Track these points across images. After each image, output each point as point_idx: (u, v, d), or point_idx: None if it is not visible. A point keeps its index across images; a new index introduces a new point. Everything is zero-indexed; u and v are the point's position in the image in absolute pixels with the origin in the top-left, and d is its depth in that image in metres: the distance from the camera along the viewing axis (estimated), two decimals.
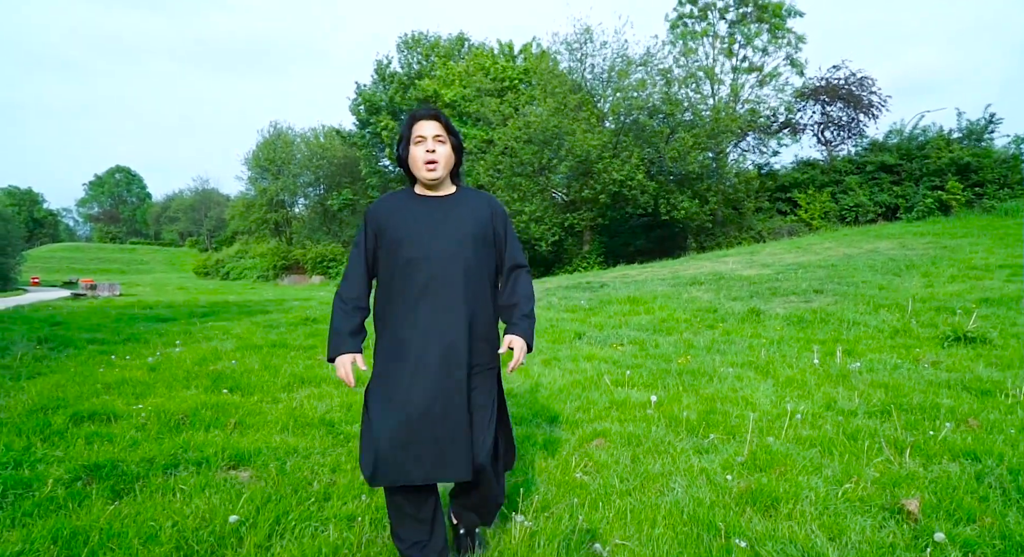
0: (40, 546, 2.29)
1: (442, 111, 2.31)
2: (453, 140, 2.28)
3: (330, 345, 2.23)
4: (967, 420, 3.96)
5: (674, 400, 4.61)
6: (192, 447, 3.44)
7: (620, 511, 2.71)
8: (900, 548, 2.31)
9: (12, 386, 4.83)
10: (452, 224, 2.21)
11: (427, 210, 2.25)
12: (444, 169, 2.25)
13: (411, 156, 2.25)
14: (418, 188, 2.32)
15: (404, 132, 2.29)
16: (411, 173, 2.30)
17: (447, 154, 2.25)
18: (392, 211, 2.27)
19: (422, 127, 2.23)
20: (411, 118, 2.28)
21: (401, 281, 2.16)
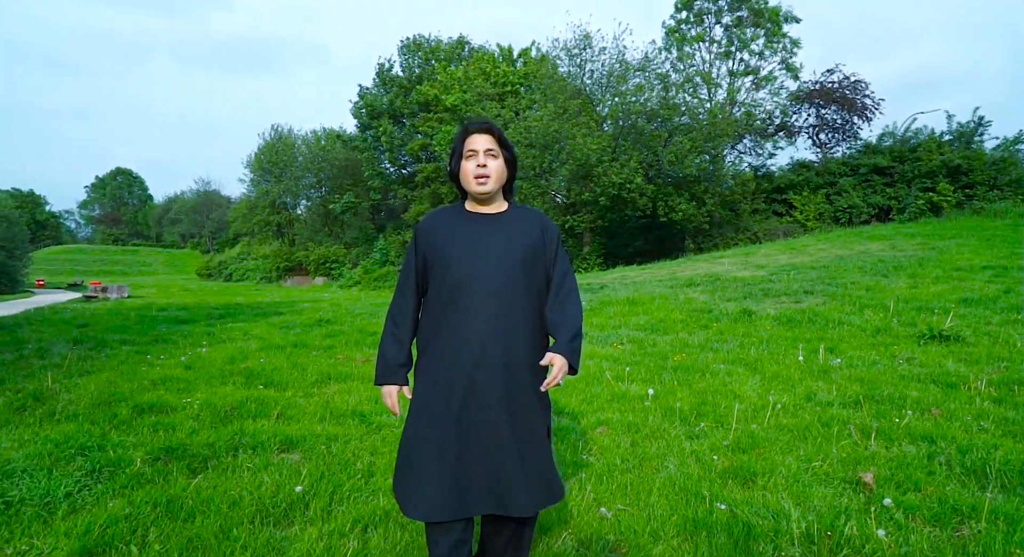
0: (143, 510, 2.78)
1: (495, 125, 2.24)
2: (506, 154, 2.21)
3: (378, 371, 2.22)
4: (930, 409, 4.45)
5: (669, 393, 5.10)
6: (246, 434, 3.93)
7: (621, 484, 3.20)
8: (852, 510, 2.80)
9: (69, 383, 5.31)
10: (503, 244, 2.15)
11: (477, 228, 2.19)
12: (496, 183, 2.19)
13: (462, 170, 2.19)
14: (469, 204, 2.27)
15: (456, 146, 2.23)
16: (462, 188, 2.25)
17: (499, 168, 2.19)
18: (441, 228, 2.21)
19: (474, 141, 2.18)
20: (463, 131, 2.22)
21: (449, 301, 2.12)
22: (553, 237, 2.27)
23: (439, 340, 2.13)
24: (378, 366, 2.22)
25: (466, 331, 2.07)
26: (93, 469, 3.26)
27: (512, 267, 2.12)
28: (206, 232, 72.71)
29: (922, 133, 23.25)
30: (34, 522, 2.72)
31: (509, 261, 2.13)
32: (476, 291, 2.09)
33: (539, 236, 2.23)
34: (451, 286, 2.11)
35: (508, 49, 32.80)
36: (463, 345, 2.07)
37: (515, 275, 2.12)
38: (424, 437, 2.07)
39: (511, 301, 2.10)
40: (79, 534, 2.57)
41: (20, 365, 6.25)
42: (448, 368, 2.08)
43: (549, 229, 2.27)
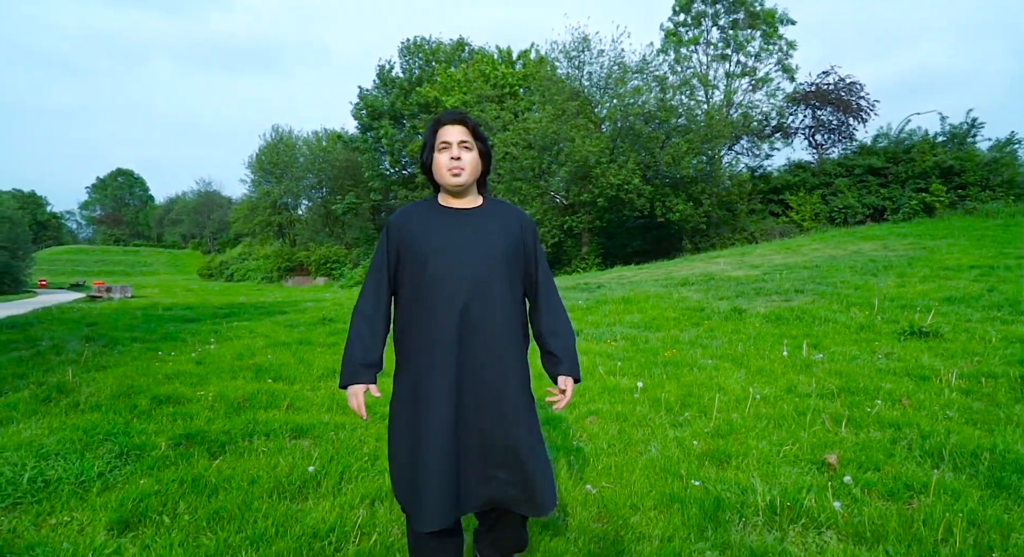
0: (170, 487, 3.06)
1: (470, 116, 2.18)
2: (480, 146, 2.16)
3: (343, 372, 2.12)
4: (901, 400, 4.73)
5: (657, 386, 5.38)
6: (259, 422, 4.21)
7: (607, 465, 3.48)
8: (814, 486, 3.08)
9: (88, 377, 5.59)
10: (481, 239, 2.10)
11: (454, 223, 2.13)
12: (470, 176, 2.13)
13: (435, 162, 2.13)
14: (442, 198, 2.20)
15: (428, 138, 2.17)
16: (435, 182, 2.20)
17: (473, 160, 2.13)
18: (416, 223, 2.15)
19: (447, 132, 2.12)
20: (435, 122, 2.17)
21: (425, 299, 2.05)
22: (532, 234, 2.23)
23: (419, 341, 2.05)
24: (343, 366, 2.12)
25: (447, 328, 2.01)
26: (121, 452, 3.54)
27: (493, 264, 2.07)
28: (207, 232, 73.02)
29: (916, 134, 23.53)
30: (71, 498, 3.00)
31: (490, 258, 2.07)
32: (455, 289, 2.02)
33: (518, 233, 2.18)
34: (428, 283, 2.04)
35: (507, 51, 33.10)
36: (446, 342, 2.01)
37: (496, 272, 2.07)
38: (412, 444, 2.02)
39: (493, 298, 2.05)
40: (114, 507, 2.85)
41: (38, 361, 6.54)
42: (430, 370, 2.01)
43: (528, 226, 2.22)
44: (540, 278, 2.24)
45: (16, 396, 4.81)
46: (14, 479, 3.09)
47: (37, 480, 3.11)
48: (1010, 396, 4.72)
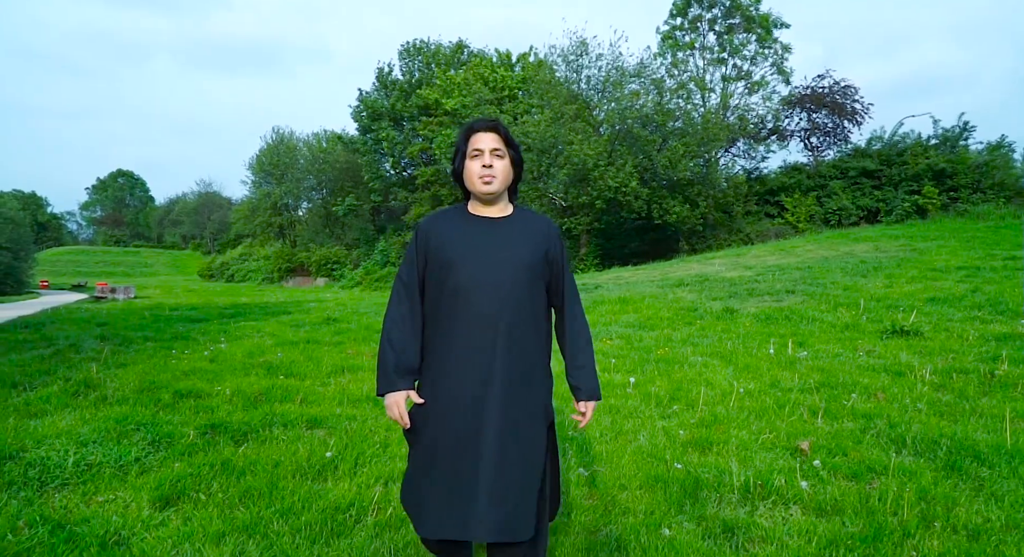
0: (202, 470, 3.37)
1: (502, 123, 2.16)
2: (512, 154, 2.14)
3: (380, 381, 2.10)
4: (876, 394, 5.05)
5: (649, 381, 5.69)
6: (276, 414, 4.52)
7: (598, 452, 3.80)
8: (786, 469, 3.40)
9: (110, 373, 5.90)
10: (508, 249, 2.09)
11: (482, 232, 2.12)
12: (501, 184, 2.11)
13: (467, 170, 2.12)
14: (472, 205, 2.20)
15: (460, 145, 2.15)
16: (465, 189, 2.19)
17: (505, 168, 2.11)
18: (445, 230, 2.14)
19: (479, 139, 2.11)
20: (468, 129, 2.15)
21: (449, 307, 2.06)
22: (559, 245, 2.22)
23: (442, 348, 2.06)
24: (380, 374, 2.09)
25: (471, 339, 2.01)
26: (153, 440, 3.86)
27: (519, 274, 2.06)
28: (207, 233, 73.30)
29: (909, 137, 23.89)
30: (113, 479, 3.31)
31: (516, 268, 2.06)
32: (481, 298, 2.02)
33: (545, 242, 2.16)
34: (453, 291, 2.05)
35: (507, 54, 33.43)
36: (469, 353, 2.01)
37: (521, 282, 2.06)
38: (431, 452, 2.02)
39: (518, 309, 2.04)
40: (153, 487, 3.17)
41: (60, 359, 6.85)
42: (452, 379, 2.02)
43: (555, 237, 2.21)
44: (566, 290, 2.23)
45: (47, 390, 5.13)
46: (60, 463, 3.40)
47: (80, 464, 3.42)
48: (978, 390, 5.04)
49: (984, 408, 4.51)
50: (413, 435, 2.10)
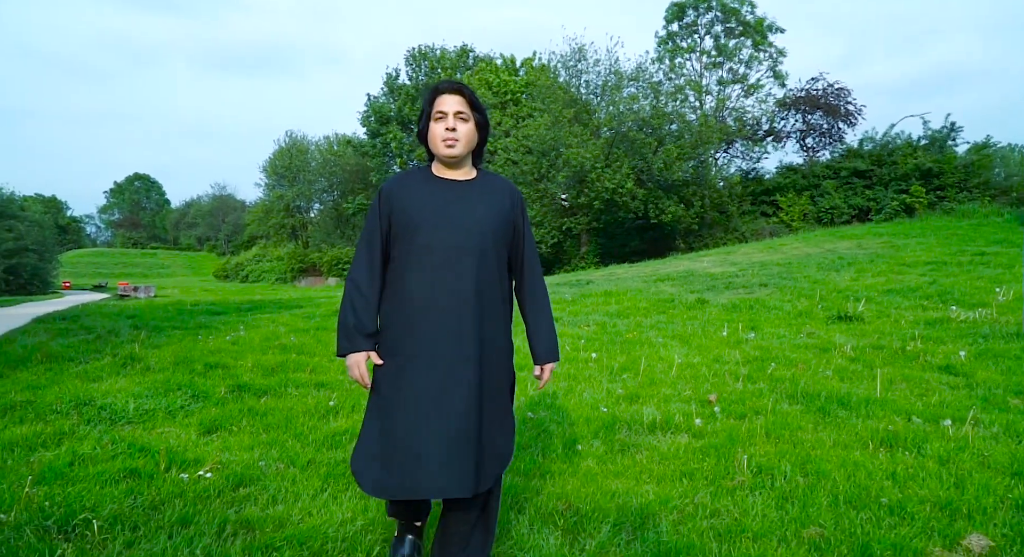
0: (233, 413, 4.33)
1: (467, 86, 2.15)
2: (477, 117, 2.14)
3: (340, 341, 2.11)
4: (798, 364, 5.94)
5: (611, 357, 6.61)
6: (290, 380, 5.49)
7: (548, 404, 4.72)
8: (688, 413, 4.31)
9: (149, 352, 6.90)
10: (472, 212, 2.12)
11: (447, 193, 2.14)
12: (464, 147, 2.12)
13: (430, 132, 2.13)
14: (436, 167, 2.21)
15: (425, 107, 2.16)
16: (430, 150, 2.19)
17: (469, 132, 2.12)
18: (408, 192, 2.15)
19: (444, 102, 2.11)
20: (433, 91, 2.15)
21: (414, 268, 2.07)
22: (521, 209, 2.25)
23: (405, 308, 2.08)
24: (340, 335, 2.11)
25: (434, 298, 2.03)
26: (192, 395, 4.83)
27: (483, 236, 2.09)
28: (222, 235, 74.82)
29: (900, 138, 24.62)
30: (165, 419, 4.28)
31: (480, 229, 2.09)
32: (445, 258, 2.05)
33: (509, 206, 2.19)
34: (417, 252, 2.07)
35: (511, 59, 34.39)
36: (435, 315, 2.03)
37: (485, 243, 2.09)
38: (389, 410, 2.03)
39: (483, 270, 2.08)
40: (196, 424, 4.13)
41: (104, 341, 7.86)
42: (418, 340, 2.04)
43: (518, 200, 2.24)
44: (526, 254, 2.26)
45: (99, 363, 6.13)
46: (124, 408, 4.38)
47: (139, 409, 4.40)
48: (884, 361, 5.93)
49: (879, 373, 5.40)
50: (378, 395, 2.09)
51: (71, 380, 5.39)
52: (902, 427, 3.79)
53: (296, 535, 2.39)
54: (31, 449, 3.55)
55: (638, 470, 3.20)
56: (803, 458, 3.25)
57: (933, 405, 4.42)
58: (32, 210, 39.53)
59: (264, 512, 2.67)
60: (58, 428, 3.94)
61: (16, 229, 31.49)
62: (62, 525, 2.45)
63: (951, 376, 5.35)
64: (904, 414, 4.19)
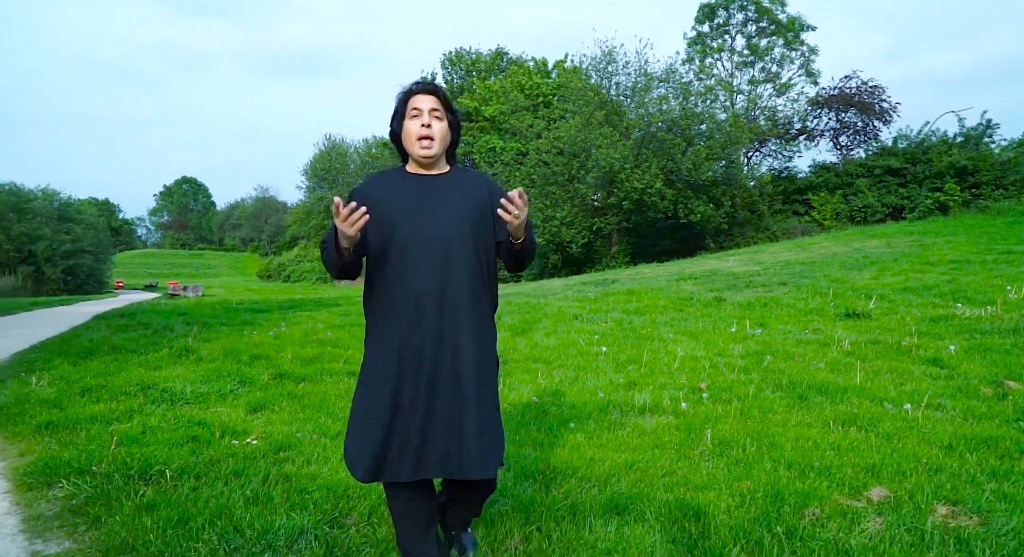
0: (275, 395, 4.96)
1: (441, 86, 2.21)
2: (450, 117, 2.19)
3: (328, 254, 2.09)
4: (794, 358, 6.34)
5: (620, 351, 7.08)
6: (325, 369, 6.11)
7: (557, 392, 5.24)
8: (680, 399, 4.78)
9: (201, 345, 7.62)
10: (449, 205, 2.15)
11: (422, 189, 2.17)
12: (440, 146, 2.16)
13: (405, 130, 2.17)
14: (410, 166, 2.25)
15: (398, 106, 2.20)
16: (404, 151, 2.23)
17: (443, 131, 2.16)
18: (384, 191, 2.18)
19: (418, 100, 2.15)
20: (407, 92, 2.19)
21: (393, 263, 2.10)
22: (498, 193, 2.22)
23: (389, 305, 2.11)
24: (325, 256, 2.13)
25: (414, 292, 2.06)
26: (240, 381, 5.48)
27: (460, 229, 2.12)
28: (265, 236, 76.96)
29: (935, 135, 24.38)
30: (217, 400, 4.93)
31: (457, 223, 2.13)
32: (423, 253, 2.08)
33: (486, 198, 2.21)
34: (396, 248, 2.10)
35: (543, 61, 34.89)
36: (411, 306, 2.06)
37: (466, 236, 2.12)
38: (373, 398, 2.09)
39: (458, 262, 2.10)
40: (244, 405, 4.76)
41: (159, 336, 8.64)
42: (397, 329, 2.08)
43: (495, 191, 2.25)
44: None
45: (158, 354, 6.86)
46: (182, 391, 5.04)
47: (195, 393, 5.06)
48: (877, 355, 6.29)
49: (868, 366, 5.77)
50: (366, 387, 2.15)
51: (135, 368, 6.11)
52: (864, 410, 4.21)
53: (325, 484, 2.97)
54: (108, 422, 4.22)
55: (618, 443, 3.70)
56: (763, 433, 3.71)
57: (907, 393, 4.80)
58: (87, 213, 41.45)
59: (300, 470, 3.25)
60: (128, 406, 4.62)
61: (73, 232, 33.21)
62: (142, 474, 3.07)
63: (936, 368, 5.69)
64: (877, 400, 4.59)
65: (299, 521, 2.50)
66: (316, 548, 2.31)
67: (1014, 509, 2.54)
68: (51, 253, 30.73)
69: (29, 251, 29.88)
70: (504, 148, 29.90)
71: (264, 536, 2.37)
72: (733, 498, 2.70)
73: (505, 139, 30.52)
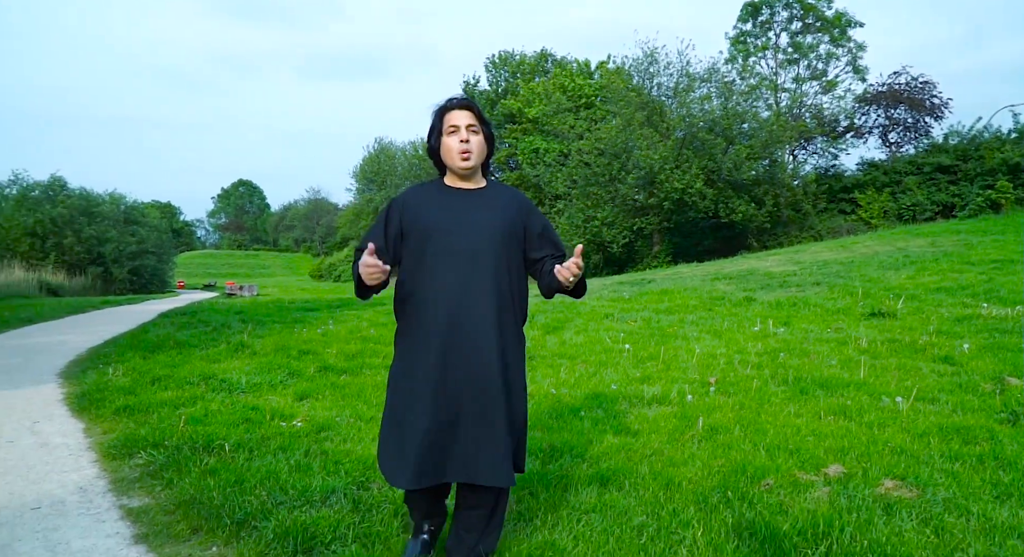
0: (320, 386, 5.52)
1: (475, 100, 2.33)
2: (485, 130, 2.28)
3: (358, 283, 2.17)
4: (809, 355, 6.60)
5: (643, 348, 7.45)
6: (366, 363, 6.66)
7: (575, 384, 5.65)
8: (688, 391, 5.14)
9: (255, 341, 8.30)
10: (482, 220, 2.24)
11: (459, 203, 2.27)
12: (478, 158, 2.26)
13: (444, 146, 2.26)
14: (448, 179, 2.34)
15: (435, 123, 2.30)
16: (441, 164, 2.33)
17: (480, 144, 2.27)
18: (422, 202, 2.28)
19: (455, 117, 2.25)
20: (443, 108, 2.29)
21: (428, 273, 2.18)
22: (530, 212, 2.37)
23: (420, 310, 2.19)
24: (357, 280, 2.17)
25: (444, 304, 2.14)
26: (289, 373, 6.07)
27: (494, 242, 2.21)
28: (317, 237, 79.17)
29: (988, 131, 23.76)
30: (269, 390, 5.51)
31: (491, 236, 2.22)
32: (453, 265, 2.16)
33: (516, 212, 2.32)
34: (429, 260, 2.18)
35: (586, 62, 35.16)
36: (441, 318, 2.14)
37: (494, 251, 2.20)
38: (405, 405, 2.16)
39: (486, 275, 2.18)
40: (292, 393, 5.32)
41: (219, 332, 9.38)
42: (424, 340, 2.16)
43: (525, 206, 2.37)
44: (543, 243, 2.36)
45: (217, 349, 7.54)
46: (238, 381, 5.65)
47: (249, 383, 5.66)
48: (891, 352, 6.50)
49: (879, 363, 6.01)
50: (391, 393, 2.27)
51: (197, 361, 6.79)
52: (856, 402, 4.51)
53: (356, 457, 3.47)
54: (176, 406, 4.83)
55: (618, 428, 4.11)
56: (752, 421, 4.06)
57: (907, 388, 5.05)
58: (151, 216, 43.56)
59: (336, 446, 3.77)
60: (192, 394, 5.24)
61: (138, 234, 35.02)
62: (205, 446, 3.63)
63: (946, 365, 5.89)
64: (876, 394, 4.87)
65: (332, 483, 3.00)
66: (344, 504, 2.80)
67: (952, 483, 2.86)
68: (118, 254, 32.48)
69: (98, 253, 31.67)
70: (547, 149, 30.32)
71: (303, 494, 2.88)
72: (703, 471, 3.09)
73: (548, 140, 30.94)
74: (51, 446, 4.04)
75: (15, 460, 3.74)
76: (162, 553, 2.48)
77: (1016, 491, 2.79)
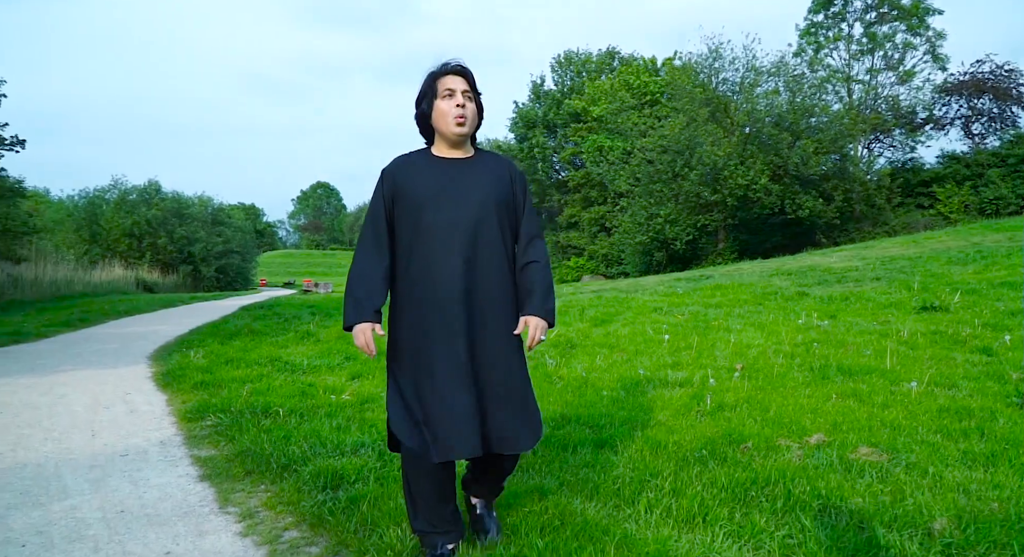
0: (371, 368, 6.06)
1: (470, 69, 2.26)
2: (478, 99, 2.25)
3: (347, 313, 2.17)
4: (846, 346, 6.69)
5: (682, 339, 7.68)
6: None
7: (607, 369, 5.98)
8: (711, 378, 5.40)
9: (320, 330, 8.99)
10: (475, 188, 2.21)
11: (449, 172, 2.23)
12: (471, 125, 2.22)
13: (437, 111, 2.20)
14: (437, 148, 2.29)
15: (427, 87, 2.23)
16: (429, 132, 2.30)
17: (474, 111, 2.23)
18: (411, 172, 2.23)
19: (450, 81, 2.20)
20: (437, 73, 2.23)
21: (423, 247, 2.15)
22: (521, 184, 2.34)
23: (421, 286, 2.16)
24: (348, 307, 2.18)
25: (450, 276, 2.12)
26: (345, 357, 6.66)
27: (487, 210, 2.19)
28: None
29: None
30: (327, 371, 6.10)
31: (485, 205, 2.19)
32: (451, 236, 2.14)
33: (508, 181, 2.29)
34: (425, 231, 2.15)
35: (652, 60, 35.00)
36: (449, 289, 2.11)
37: (491, 219, 2.19)
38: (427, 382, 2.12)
39: (486, 244, 2.17)
40: (346, 374, 5.88)
41: (291, 323, 10.16)
42: (436, 313, 2.12)
43: (517, 176, 2.33)
44: (524, 226, 2.32)
45: (286, 337, 8.26)
46: (301, 363, 6.27)
47: (310, 365, 6.27)
48: (930, 343, 6.52)
49: (916, 354, 6.06)
50: (399, 369, 2.21)
51: (267, 346, 7.49)
52: (871, 386, 4.68)
53: None
54: (244, 383, 5.46)
55: (633, 405, 4.44)
56: (760, 400, 4.32)
57: (933, 376, 5.15)
58: (236, 217, 46.07)
59: (375, 415, 4.26)
60: (259, 372, 5.89)
61: (224, 234, 37.21)
62: (264, 411, 4.21)
63: (982, 355, 5.90)
64: (897, 381, 4.99)
65: (362, 438, 3.49)
66: (371, 454, 3.28)
67: (924, 450, 3.08)
68: (206, 254, 34.62)
69: (188, 252, 33.87)
70: (611, 147, 30.42)
71: (338, 447, 3.38)
72: (693, 437, 3.40)
73: (612, 138, 31.03)
74: (139, 412, 4.72)
75: (109, 421, 4.42)
76: (221, 488, 3.02)
77: (984, 459, 2.98)
